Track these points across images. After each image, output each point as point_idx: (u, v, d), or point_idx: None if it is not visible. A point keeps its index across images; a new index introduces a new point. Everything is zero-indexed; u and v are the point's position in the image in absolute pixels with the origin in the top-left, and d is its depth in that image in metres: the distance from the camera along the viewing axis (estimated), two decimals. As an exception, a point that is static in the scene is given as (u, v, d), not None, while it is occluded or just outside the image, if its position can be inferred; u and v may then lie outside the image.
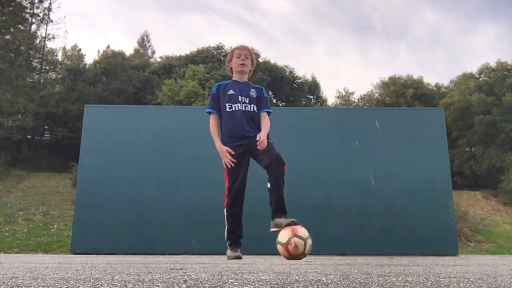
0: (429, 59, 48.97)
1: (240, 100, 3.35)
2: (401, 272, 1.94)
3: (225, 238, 3.36)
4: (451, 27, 49.88)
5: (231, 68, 3.56)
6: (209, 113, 3.46)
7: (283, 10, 51.89)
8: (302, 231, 2.89)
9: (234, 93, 3.39)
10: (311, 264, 2.83)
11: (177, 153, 7.73)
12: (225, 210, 3.35)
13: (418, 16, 49.06)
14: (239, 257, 3.28)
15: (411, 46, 51.88)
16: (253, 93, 3.44)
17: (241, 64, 3.45)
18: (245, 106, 3.35)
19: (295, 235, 2.84)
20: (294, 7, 52.63)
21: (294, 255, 2.83)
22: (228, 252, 3.34)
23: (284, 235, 2.87)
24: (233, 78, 3.53)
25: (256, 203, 3.93)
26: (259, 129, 3.30)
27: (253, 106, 3.39)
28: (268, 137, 3.25)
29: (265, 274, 1.75)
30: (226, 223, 3.36)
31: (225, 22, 51.82)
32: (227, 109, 3.35)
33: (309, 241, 2.88)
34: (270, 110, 3.49)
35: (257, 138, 3.13)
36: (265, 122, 3.37)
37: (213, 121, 3.45)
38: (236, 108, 3.34)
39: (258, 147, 3.13)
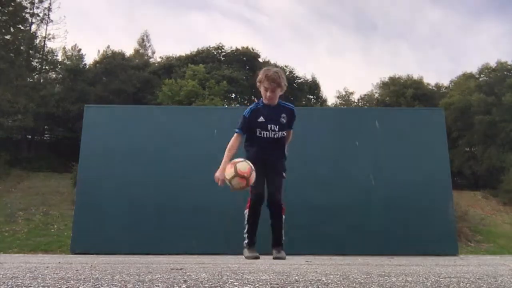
0: (431, 58, 48.95)
1: (269, 128, 3.58)
2: (401, 272, 1.94)
3: (245, 238, 3.63)
4: (454, 25, 49.89)
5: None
6: (237, 133, 3.62)
7: (284, 9, 51.87)
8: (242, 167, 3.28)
9: (264, 120, 3.57)
10: (311, 264, 2.83)
11: (177, 153, 7.72)
12: (246, 211, 3.60)
13: (420, 14, 49.03)
14: (257, 257, 3.50)
15: (413, 45, 51.85)
16: (283, 119, 3.62)
17: (268, 99, 3.59)
18: (274, 134, 3.59)
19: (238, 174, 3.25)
20: (295, 5, 52.60)
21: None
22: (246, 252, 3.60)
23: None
24: (263, 101, 3.66)
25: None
26: (282, 151, 3.73)
27: (281, 133, 3.63)
28: (284, 169, 3.70)
29: (265, 274, 1.75)
30: (245, 223, 3.61)
31: (226, 21, 51.82)
32: (257, 134, 3.59)
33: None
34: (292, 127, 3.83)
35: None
36: (289, 138, 3.84)
37: (235, 140, 3.61)
38: (265, 136, 3.57)
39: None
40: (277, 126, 3.58)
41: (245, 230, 3.61)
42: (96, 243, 7.28)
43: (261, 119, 3.56)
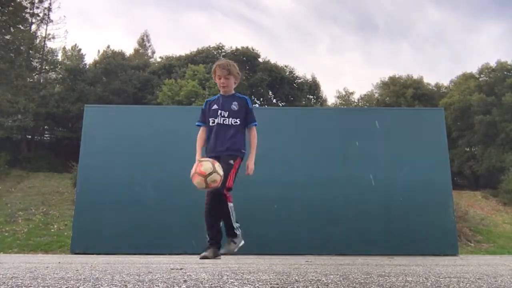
0: (431, 58, 48.93)
1: (219, 114, 3.66)
2: (401, 272, 1.94)
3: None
4: (454, 25, 49.89)
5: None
6: (198, 126, 3.83)
7: (285, 8, 51.86)
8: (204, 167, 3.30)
9: (216, 107, 3.70)
10: (311, 264, 2.83)
11: (177, 153, 7.70)
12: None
13: (421, 14, 49.00)
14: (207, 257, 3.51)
15: (413, 44, 51.82)
16: (234, 106, 3.70)
17: (222, 86, 3.74)
18: (223, 120, 3.64)
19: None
20: (296, 5, 52.59)
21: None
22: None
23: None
24: (220, 93, 3.83)
25: (256, 204, 3.94)
26: (235, 141, 3.60)
27: (232, 120, 3.64)
28: (231, 158, 3.58)
29: (265, 274, 1.75)
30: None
31: (226, 20, 51.78)
32: (210, 124, 3.69)
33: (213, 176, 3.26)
34: (255, 123, 3.77)
35: (247, 168, 3.59)
36: (252, 138, 3.71)
37: (201, 133, 3.83)
38: (215, 122, 3.65)
39: (245, 173, 3.58)
40: (227, 113, 3.64)
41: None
42: (96, 243, 7.28)
43: (215, 106, 3.71)
